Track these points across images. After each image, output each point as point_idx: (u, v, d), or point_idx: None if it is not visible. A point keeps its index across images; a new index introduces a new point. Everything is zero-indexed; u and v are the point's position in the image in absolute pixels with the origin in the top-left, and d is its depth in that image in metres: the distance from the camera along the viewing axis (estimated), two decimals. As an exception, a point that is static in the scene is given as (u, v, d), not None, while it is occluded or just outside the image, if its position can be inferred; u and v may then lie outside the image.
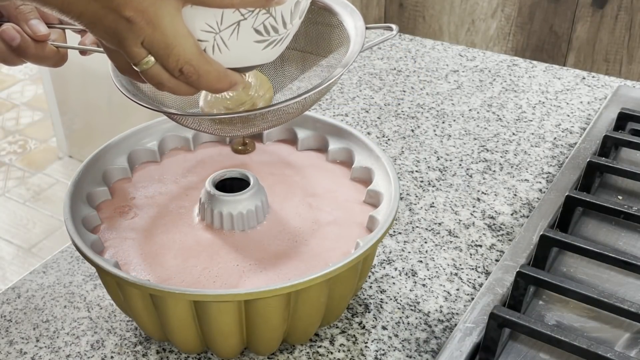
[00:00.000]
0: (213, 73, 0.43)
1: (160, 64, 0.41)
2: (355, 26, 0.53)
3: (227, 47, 0.43)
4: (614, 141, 0.71)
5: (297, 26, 0.46)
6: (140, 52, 0.41)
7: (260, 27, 0.43)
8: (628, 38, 1.41)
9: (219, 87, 0.44)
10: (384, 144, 0.79)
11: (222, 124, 0.51)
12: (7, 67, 2.87)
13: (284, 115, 0.50)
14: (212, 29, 0.42)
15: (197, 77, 0.42)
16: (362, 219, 0.56)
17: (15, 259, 1.96)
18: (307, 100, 0.50)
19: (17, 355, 0.55)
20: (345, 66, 0.50)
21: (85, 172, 0.58)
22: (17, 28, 0.52)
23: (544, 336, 0.49)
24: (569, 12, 1.45)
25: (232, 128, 0.51)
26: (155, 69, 0.41)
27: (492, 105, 0.87)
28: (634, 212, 0.61)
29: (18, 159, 2.37)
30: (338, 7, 0.55)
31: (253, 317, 0.49)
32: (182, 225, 0.55)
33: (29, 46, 0.52)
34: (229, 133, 0.53)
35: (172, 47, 0.40)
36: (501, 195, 0.71)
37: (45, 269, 0.63)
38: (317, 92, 0.48)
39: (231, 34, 0.42)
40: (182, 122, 0.51)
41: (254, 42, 0.43)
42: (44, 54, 0.53)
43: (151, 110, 0.50)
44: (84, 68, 2.06)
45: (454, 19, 1.58)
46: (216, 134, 0.53)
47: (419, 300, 0.59)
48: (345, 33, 0.54)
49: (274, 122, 0.51)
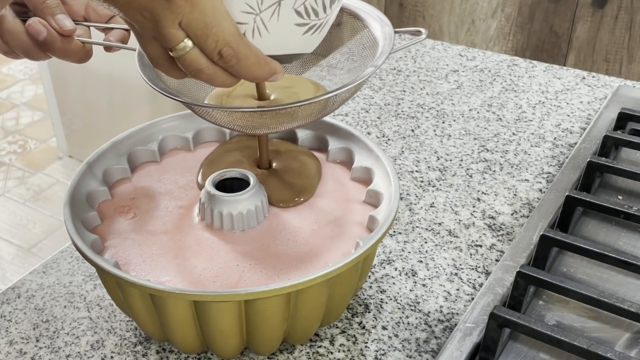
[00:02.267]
0: (252, 58, 0.41)
1: (198, 47, 0.40)
2: (382, 30, 0.54)
3: (267, 30, 0.42)
4: (614, 141, 0.71)
5: (335, 14, 0.46)
6: (177, 34, 0.39)
7: (301, 9, 0.42)
8: (628, 38, 1.41)
9: (258, 74, 0.42)
10: (384, 144, 0.79)
11: (249, 119, 0.50)
12: (7, 67, 2.88)
13: (313, 112, 0.50)
14: (252, 9, 0.41)
15: (237, 62, 0.41)
16: (362, 219, 0.56)
17: (15, 259, 1.96)
18: (337, 98, 0.50)
19: (17, 355, 0.55)
20: (376, 66, 0.50)
21: (85, 172, 0.58)
22: (43, 22, 0.51)
23: (544, 336, 0.49)
24: (569, 12, 1.45)
25: (259, 123, 0.51)
26: (193, 53, 0.40)
27: (492, 105, 0.87)
28: (634, 212, 0.61)
29: (18, 159, 2.37)
30: (364, 14, 0.56)
31: (253, 317, 0.49)
32: (182, 225, 0.55)
33: (55, 40, 0.52)
34: (254, 130, 0.52)
35: (212, 27, 0.39)
36: (501, 195, 0.71)
37: (45, 269, 0.63)
38: (347, 91, 0.49)
39: (272, 15, 0.41)
40: (205, 115, 0.51)
41: (295, 26, 0.43)
42: (70, 49, 0.53)
43: (181, 102, 0.49)
44: (84, 68, 2.06)
45: (454, 19, 1.58)
46: (240, 130, 0.53)
47: (419, 300, 0.59)
48: (372, 37, 0.54)
49: (302, 121, 0.51)
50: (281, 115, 0.50)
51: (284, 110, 0.49)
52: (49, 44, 0.52)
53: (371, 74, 0.50)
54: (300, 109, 0.49)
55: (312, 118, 0.52)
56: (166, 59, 0.42)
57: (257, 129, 0.52)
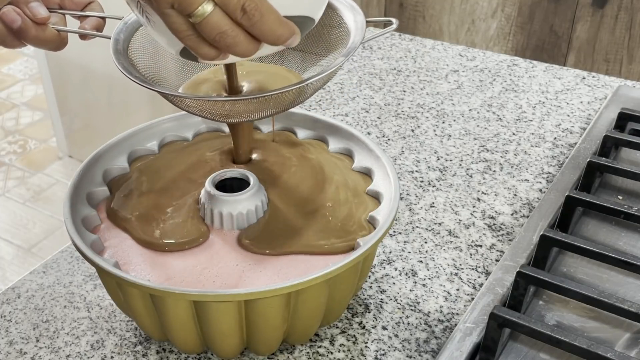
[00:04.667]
0: (274, 13, 0.41)
1: (219, 7, 0.40)
2: (355, 20, 0.54)
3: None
4: (614, 141, 0.71)
5: None
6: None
7: None
8: (628, 38, 1.41)
9: (280, 32, 0.42)
10: (384, 144, 0.79)
11: (222, 107, 0.50)
12: (7, 67, 2.88)
13: (286, 101, 0.51)
14: None
15: (260, 17, 0.40)
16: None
17: (15, 259, 1.96)
18: (310, 87, 0.50)
19: (17, 355, 0.55)
20: (347, 55, 0.50)
21: (85, 172, 0.58)
22: (17, 10, 0.52)
23: (544, 336, 0.49)
24: (569, 12, 1.45)
25: (231, 111, 0.51)
26: (215, 15, 0.40)
27: (492, 105, 0.87)
28: (634, 212, 0.61)
29: (18, 159, 2.37)
30: (338, 4, 0.55)
31: (253, 317, 0.49)
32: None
33: (30, 28, 0.52)
34: (227, 119, 0.52)
35: None
36: (501, 195, 0.71)
37: (45, 269, 0.63)
38: (319, 80, 0.49)
39: None
40: (179, 104, 0.51)
41: None
42: (44, 37, 0.53)
43: (155, 91, 0.49)
44: (84, 68, 2.06)
45: (454, 19, 1.58)
46: (213, 118, 0.52)
47: (419, 300, 0.59)
48: (346, 29, 0.54)
49: (275, 109, 0.51)
50: (253, 104, 0.50)
51: (255, 99, 0.49)
52: (23, 32, 0.52)
53: (342, 63, 0.50)
54: (273, 97, 0.49)
55: (285, 107, 0.52)
56: (190, 29, 0.42)
57: (229, 117, 0.52)
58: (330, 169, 0.59)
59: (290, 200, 0.56)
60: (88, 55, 1.99)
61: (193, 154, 0.61)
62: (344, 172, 0.59)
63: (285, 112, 0.65)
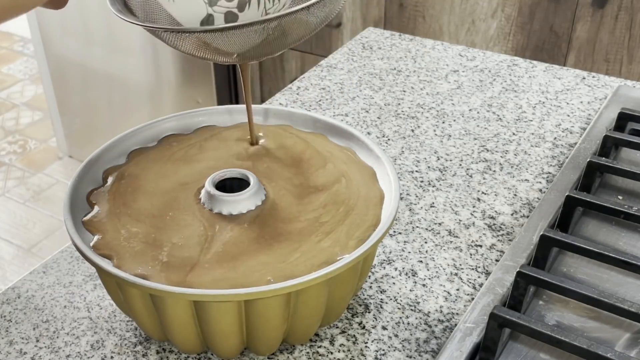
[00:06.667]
0: None
1: None
2: None
3: None
4: (614, 141, 0.71)
5: None
6: None
7: None
8: (628, 38, 1.41)
9: None
10: (384, 144, 0.79)
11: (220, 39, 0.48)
12: (7, 67, 2.87)
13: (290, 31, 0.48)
14: None
15: None
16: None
17: (15, 259, 1.96)
18: (314, 15, 0.48)
19: (17, 355, 0.55)
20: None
21: (85, 172, 0.58)
22: None
23: (544, 336, 0.49)
24: (569, 12, 1.45)
25: (229, 43, 0.48)
26: None
27: (492, 105, 0.87)
28: (634, 212, 0.61)
29: (18, 159, 2.37)
30: None
31: (253, 317, 0.49)
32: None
33: None
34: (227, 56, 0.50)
35: None
36: (501, 195, 0.71)
37: (45, 269, 0.63)
38: (321, 5, 0.47)
39: None
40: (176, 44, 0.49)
41: None
42: None
43: (148, 28, 0.48)
44: (84, 68, 2.06)
45: (454, 19, 1.58)
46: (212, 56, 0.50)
47: (419, 300, 0.59)
48: None
49: (277, 45, 0.49)
50: (254, 33, 0.47)
51: (254, 26, 0.46)
52: None
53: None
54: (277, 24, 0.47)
55: (292, 39, 0.49)
56: None
57: (229, 55, 0.50)
58: (338, 166, 0.59)
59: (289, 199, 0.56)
60: (88, 55, 1.99)
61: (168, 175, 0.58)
62: (352, 167, 0.58)
63: (285, 111, 0.65)
